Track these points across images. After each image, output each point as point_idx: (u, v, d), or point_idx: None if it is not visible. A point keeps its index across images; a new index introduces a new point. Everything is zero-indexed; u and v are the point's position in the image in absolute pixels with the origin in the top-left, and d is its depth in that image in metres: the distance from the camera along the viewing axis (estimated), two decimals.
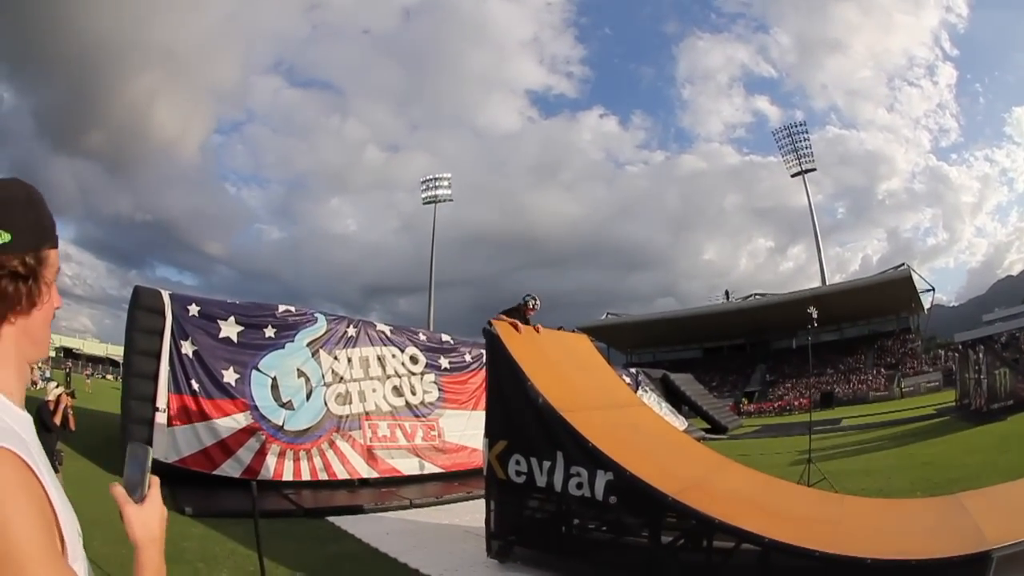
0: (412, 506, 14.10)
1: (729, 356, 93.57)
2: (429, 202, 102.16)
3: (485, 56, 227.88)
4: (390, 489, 15.67)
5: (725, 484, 10.11)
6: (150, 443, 12.65)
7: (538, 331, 11.23)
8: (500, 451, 9.58)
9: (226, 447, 14.22)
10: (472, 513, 12.32)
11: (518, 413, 9.55)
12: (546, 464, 8.97)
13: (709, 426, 38.33)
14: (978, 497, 9.47)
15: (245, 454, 14.38)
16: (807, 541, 7.35)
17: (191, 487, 12.74)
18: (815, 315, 17.00)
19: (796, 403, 64.75)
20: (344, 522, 12.11)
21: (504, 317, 10.72)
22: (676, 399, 37.70)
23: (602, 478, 8.41)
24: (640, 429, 11.25)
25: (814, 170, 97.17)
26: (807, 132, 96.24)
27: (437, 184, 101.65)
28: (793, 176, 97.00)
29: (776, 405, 67.13)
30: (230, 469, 14.08)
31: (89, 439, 15.63)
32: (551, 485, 8.90)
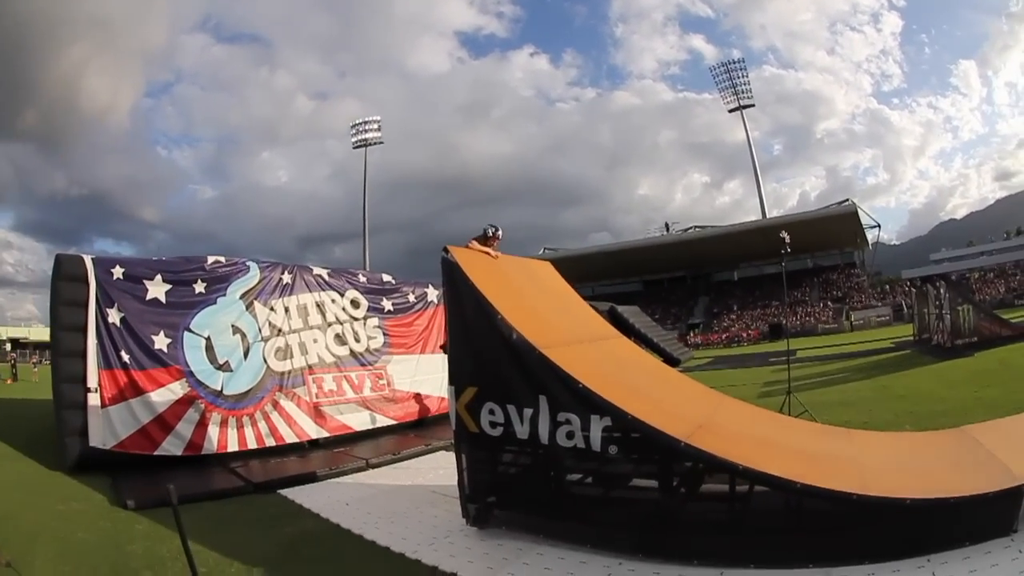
0: (369, 467, 12.79)
1: (670, 288, 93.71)
2: (359, 146, 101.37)
3: None
4: (342, 449, 14.36)
5: (731, 423, 9.00)
6: (85, 431, 11.99)
7: (495, 259, 9.73)
8: (469, 400, 8.07)
9: (164, 422, 12.77)
10: (435, 469, 11.63)
11: (488, 353, 8.09)
12: (527, 412, 7.61)
13: (662, 358, 36.75)
14: (988, 431, 9.24)
15: (185, 428, 12.97)
16: (837, 483, 6.73)
17: (132, 474, 11.54)
18: (788, 240, 16.06)
19: (744, 334, 66.42)
20: (299, 494, 10.84)
21: (475, 243, 9.39)
22: (625, 331, 35.63)
23: (598, 425, 7.19)
24: (626, 364, 9.79)
25: (752, 106, 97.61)
26: (745, 69, 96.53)
27: (367, 128, 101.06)
28: (731, 112, 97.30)
29: (724, 336, 68.13)
30: (172, 447, 12.75)
31: (31, 432, 14.51)
32: (535, 436, 7.55)
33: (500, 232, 9.75)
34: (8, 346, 75.38)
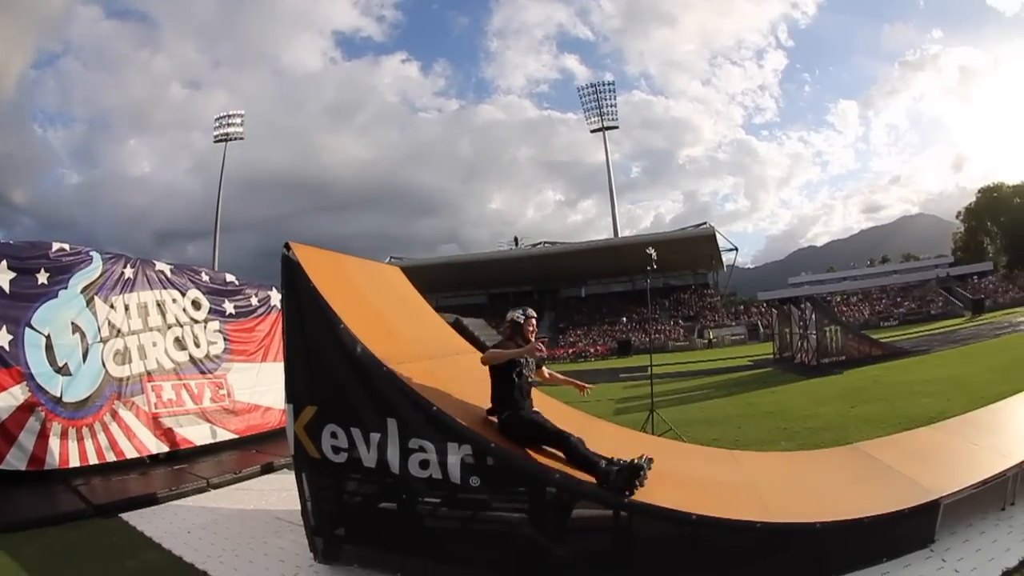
0: (210, 487, 11.59)
1: (516, 303, 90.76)
2: (220, 140, 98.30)
3: None
4: (183, 466, 13.01)
5: (604, 446, 7.76)
6: None
7: (348, 264, 8.56)
8: (308, 420, 6.97)
9: (7, 432, 11.36)
10: (279, 492, 10.62)
11: (329, 368, 6.99)
12: (374, 437, 6.61)
13: None
14: (884, 447, 9.47)
15: (27, 439, 11.57)
16: (737, 511, 6.49)
17: None
18: (654, 256, 15.48)
19: (592, 350, 67.56)
20: (140, 519, 9.73)
21: (502, 351, 7.27)
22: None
23: (456, 454, 6.33)
24: (485, 384, 8.93)
25: (616, 128, 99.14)
26: (614, 91, 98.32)
27: (230, 122, 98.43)
28: (593, 132, 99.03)
29: (570, 352, 69.02)
30: (16, 461, 11.38)
31: None
32: (384, 464, 6.56)
33: (534, 317, 7.84)
34: None
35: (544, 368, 8.11)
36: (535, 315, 7.70)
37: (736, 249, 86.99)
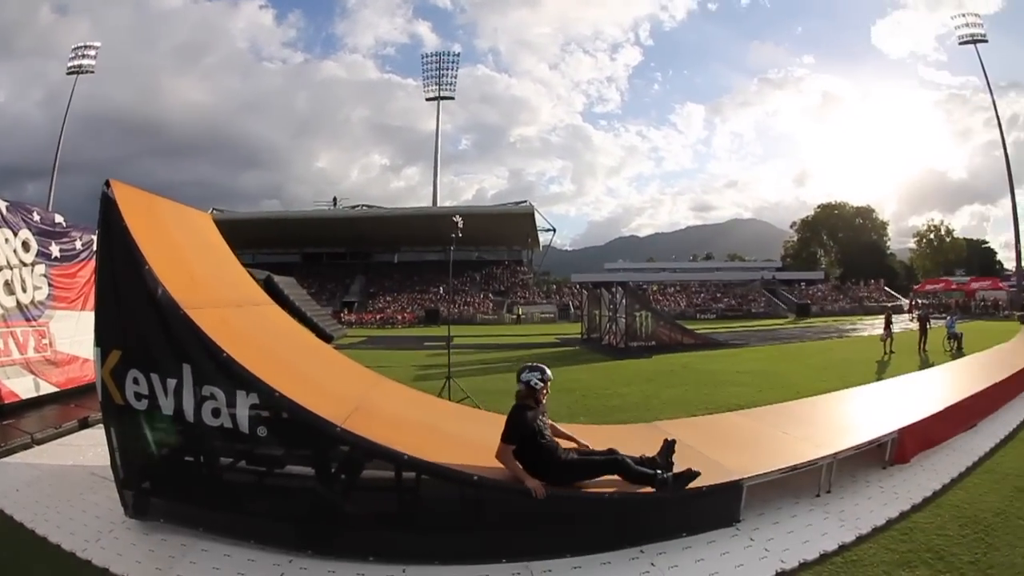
0: (34, 443, 10.98)
1: (328, 264, 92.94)
2: (73, 72, 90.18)
3: None
4: (9, 421, 12.10)
5: (391, 406, 8.48)
6: None
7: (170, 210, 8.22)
8: (114, 365, 6.70)
9: None
10: (95, 447, 10.11)
11: (134, 311, 6.78)
12: (171, 383, 6.48)
13: (314, 333, 35.32)
14: (685, 426, 9.93)
15: None
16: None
17: None
18: (460, 224, 15.73)
19: (400, 317, 67.24)
20: None
21: (514, 464, 6.71)
22: (280, 303, 33.97)
23: (244, 402, 6.31)
24: (279, 335, 8.71)
25: (452, 98, 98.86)
26: (458, 63, 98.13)
27: (85, 54, 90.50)
28: (428, 100, 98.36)
29: (378, 317, 68.46)
30: None
31: None
32: (180, 412, 6.44)
33: (550, 380, 7.60)
34: None
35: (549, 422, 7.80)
36: (551, 378, 7.53)
37: (554, 230, 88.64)
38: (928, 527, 7.39)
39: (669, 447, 7.40)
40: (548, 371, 7.46)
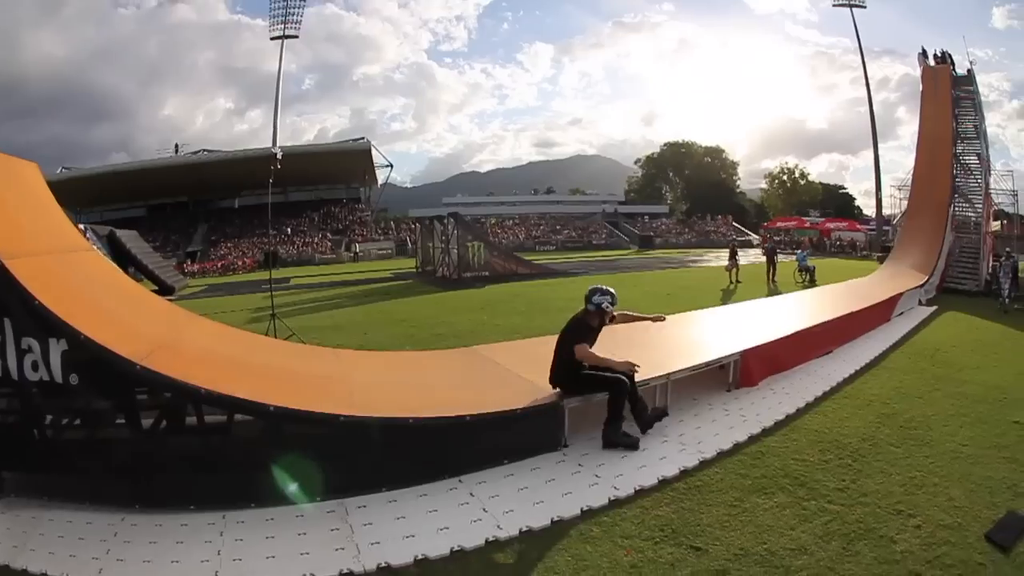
0: None
1: (172, 214, 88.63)
2: None
3: None
4: None
5: (199, 342, 8.29)
6: None
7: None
8: None
9: None
10: None
11: None
12: None
13: (156, 287, 34.04)
14: (504, 351, 10.20)
15: None
16: (322, 405, 6.46)
17: None
18: (280, 156, 16.35)
19: (240, 263, 64.76)
20: None
21: (602, 359, 7.49)
22: (122, 257, 32.41)
23: (56, 349, 5.96)
24: (96, 280, 8.22)
25: (296, 37, 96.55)
26: (305, 1, 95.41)
27: None
28: (272, 39, 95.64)
29: (219, 265, 65.81)
30: None
31: None
32: (6, 371, 6.04)
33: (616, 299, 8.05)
34: None
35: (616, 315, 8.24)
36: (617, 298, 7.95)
37: (391, 165, 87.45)
38: (783, 452, 7.34)
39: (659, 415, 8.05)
40: (614, 292, 7.93)
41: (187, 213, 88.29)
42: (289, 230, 78.75)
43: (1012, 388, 10.45)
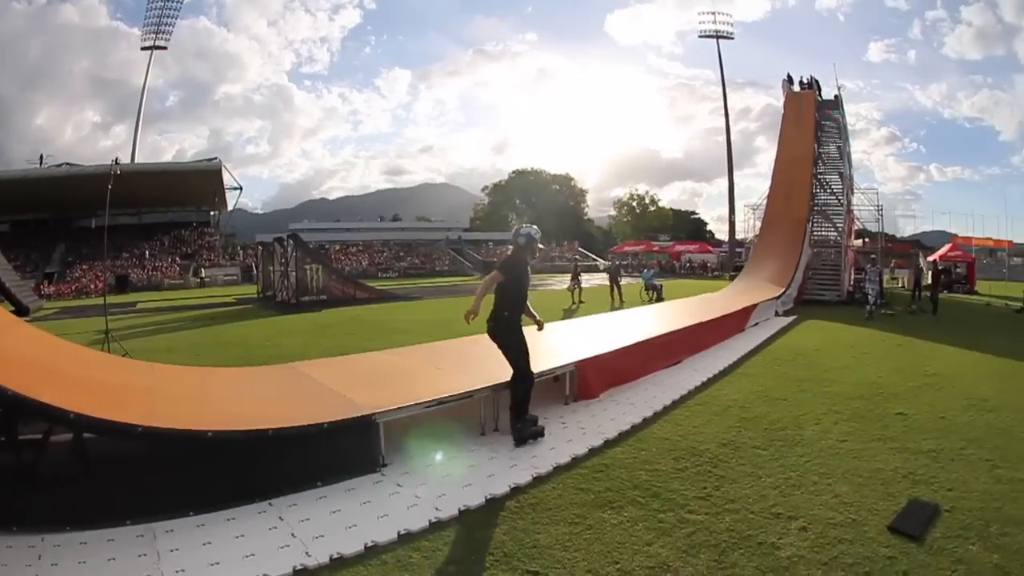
0: None
1: (34, 232, 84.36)
2: None
3: None
4: None
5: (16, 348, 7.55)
6: None
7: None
8: None
9: None
10: None
11: None
12: None
13: (13, 308, 32.95)
14: (322, 367, 9.90)
15: None
16: (121, 414, 5.88)
17: None
18: (118, 172, 15.97)
19: (92, 286, 63.27)
20: None
21: (498, 273, 7.60)
22: None
23: None
24: None
25: (165, 48, 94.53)
26: (179, 10, 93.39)
27: None
28: (143, 49, 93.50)
29: (74, 287, 64.43)
30: None
31: None
32: None
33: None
34: None
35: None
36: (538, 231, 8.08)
37: (241, 188, 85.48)
38: (631, 463, 7.03)
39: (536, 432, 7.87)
40: (537, 228, 8.06)
41: (48, 231, 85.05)
42: (147, 253, 76.83)
43: (888, 384, 10.85)
